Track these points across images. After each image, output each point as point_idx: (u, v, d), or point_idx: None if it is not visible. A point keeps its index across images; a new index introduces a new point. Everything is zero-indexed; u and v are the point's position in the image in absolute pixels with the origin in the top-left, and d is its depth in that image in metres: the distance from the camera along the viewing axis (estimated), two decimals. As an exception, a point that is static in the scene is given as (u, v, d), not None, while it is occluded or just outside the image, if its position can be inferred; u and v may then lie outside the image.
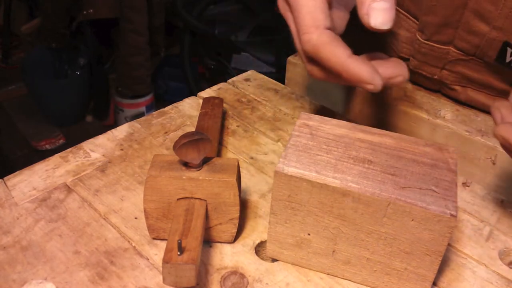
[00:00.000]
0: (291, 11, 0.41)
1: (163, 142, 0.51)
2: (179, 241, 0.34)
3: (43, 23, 1.82)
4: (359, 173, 0.35)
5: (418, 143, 0.38)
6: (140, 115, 1.87)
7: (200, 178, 0.38)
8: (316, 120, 0.40)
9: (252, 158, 0.50)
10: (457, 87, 0.56)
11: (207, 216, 0.39)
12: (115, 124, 1.92)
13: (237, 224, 0.40)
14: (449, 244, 0.42)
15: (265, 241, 0.41)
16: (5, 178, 0.46)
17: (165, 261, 0.33)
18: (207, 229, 0.40)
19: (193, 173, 0.38)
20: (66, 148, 0.50)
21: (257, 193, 0.46)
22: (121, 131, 0.53)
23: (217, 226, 0.40)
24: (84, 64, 1.88)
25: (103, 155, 0.49)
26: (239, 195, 0.39)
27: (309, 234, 0.37)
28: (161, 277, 0.38)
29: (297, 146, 0.37)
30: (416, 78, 0.60)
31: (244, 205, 0.45)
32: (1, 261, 0.38)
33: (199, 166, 0.38)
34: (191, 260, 0.33)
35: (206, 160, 0.39)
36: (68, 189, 0.45)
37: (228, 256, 0.40)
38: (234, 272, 0.39)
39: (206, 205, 0.39)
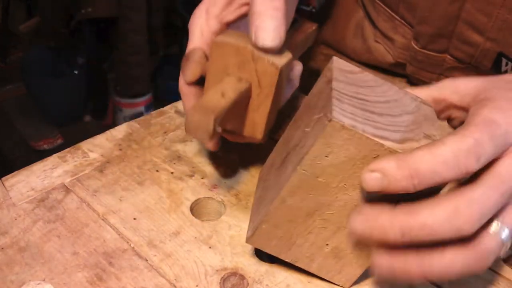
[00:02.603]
0: None
1: (162, 142, 0.51)
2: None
3: (41, 22, 1.82)
4: (281, 173, 0.35)
5: (312, 91, 0.38)
6: (139, 114, 1.87)
7: (208, 72, 0.40)
8: None
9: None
10: None
11: (243, 80, 0.39)
12: (113, 124, 1.91)
13: (262, 55, 0.38)
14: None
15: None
16: (3, 179, 0.45)
17: (186, 131, 0.34)
18: (259, 84, 0.39)
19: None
20: (64, 148, 0.49)
21: (257, 193, 0.46)
22: (120, 131, 0.52)
23: (259, 74, 0.39)
24: (83, 63, 1.87)
25: (102, 155, 0.49)
26: (233, 42, 0.38)
27: (327, 244, 0.36)
28: (160, 278, 0.37)
29: None
30: (414, 81, 0.60)
31: (244, 205, 0.44)
32: (-2, 262, 0.38)
33: None
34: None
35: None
36: (66, 190, 0.45)
37: (228, 257, 0.40)
38: (234, 273, 0.38)
39: (230, 77, 0.39)
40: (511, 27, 0.45)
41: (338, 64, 0.37)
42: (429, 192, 0.32)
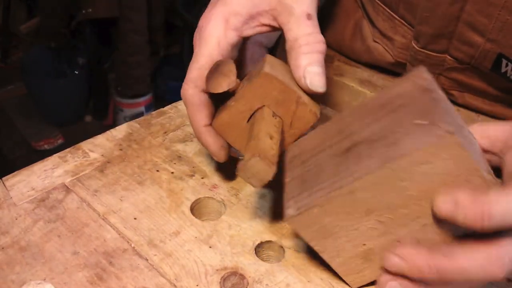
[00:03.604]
0: (193, 54, 0.43)
1: (163, 142, 0.51)
2: (232, 150, 0.38)
3: (42, 22, 1.82)
4: (349, 162, 0.35)
5: (389, 91, 0.37)
6: (140, 115, 1.87)
7: (242, 93, 0.40)
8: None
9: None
10: (454, 92, 0.56)
11: (277, 116, 0.41)
12: (114, 124, 1.91)
13: (306, 101, 0.40)
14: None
15: (265, 241, 0.41)
16: (3, 178, 0.45)
17: (237, 172, 0.36)
18: (290, 124, 0.41)
19: (237, 95, 0.40)
20: (65, 148, 0.49)
21: (257, 193, 0.46)
22: (120, 131, 0.52)
23: (294, 117, 0.41)
24: (83, 63, 1.88)
25: (102, 155, 0.49)
26: (283, 80, 0.40)
27: (364, 244, 0.36)
28: (160, 278, 0.38)
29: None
30: None
31: (244, 205, 0.44)
32: (-1, 261, 0.38)
33: (239, 87, 0.41)
34: (251, 156, 0.35)
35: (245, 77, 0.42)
36: (67, 190, 0.45)
37: (228, 256, 0.40)
38: (234, 273, 0.38)
39: (267, 109, 0.40)
40: (511, 29, 0.45)
41: (429, 75, 0.37)
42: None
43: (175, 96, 0.48)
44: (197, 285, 0.37)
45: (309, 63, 0.40)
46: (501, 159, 0.36)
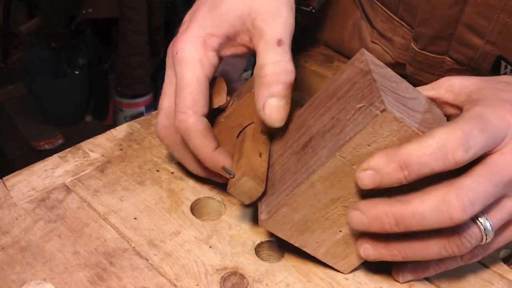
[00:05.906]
0: (176, 82, 0.41)
1: (163, 142, 0.51)
2: (223, 168, 0.38)
3: (42, 22, 1.82)
4: (306, 157, 0.36)
5: (337, 79, 0.38)
6: (140, 115, 1.87)
7: (233, 110, 0.41)
8: None
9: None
10: None
11: (265, 133, 0.42)
12: (114, 124, 1.92)
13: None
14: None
15: (265, 241, 0.41)
16: (4, 178, 0.46)
17: (228, 189, 0.37)
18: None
19: (227, 111, 0.42)
20: (65, 148, 0.50)
21: (257, 193, 0.46)
22: (121, 131, 0.52)
23: None
24: (84, 64, 1.88)
25: (102, 155, 0.49)
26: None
27: (340, 231, 0.37)
28: (160, 278, 0.38)
29: None
30: (414, 82, 0.60)
31: (244, 205, 0.44)
32: (0, 261, 0.38)
33: (229, 103, 0.41)
34: (242, 174, 0.36)
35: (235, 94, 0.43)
36: (67, 189, 0.45)
37: (228, 256, 0.40)
38: (234, 273, 0.38)
39: (256, 126, 0.41)
40: (510, 31, 0.46)
41: (368, 56, 0.38)
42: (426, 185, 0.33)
43: (175, 96, 0.48)
44: (197, 285, 0.37)
45: (270, 94, 0.38)
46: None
